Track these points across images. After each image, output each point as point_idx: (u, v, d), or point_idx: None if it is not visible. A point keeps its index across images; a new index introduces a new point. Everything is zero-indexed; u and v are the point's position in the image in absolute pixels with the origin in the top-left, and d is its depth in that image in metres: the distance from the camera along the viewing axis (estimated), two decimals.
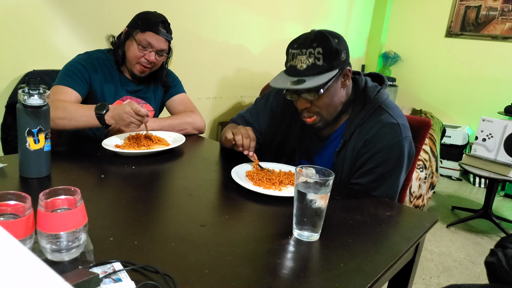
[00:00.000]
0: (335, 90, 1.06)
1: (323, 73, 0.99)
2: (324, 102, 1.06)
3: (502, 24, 3.82)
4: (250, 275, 0.62)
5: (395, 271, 0.83)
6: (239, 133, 1.12)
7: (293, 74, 1.02)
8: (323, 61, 0.99)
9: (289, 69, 1.04)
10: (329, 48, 0.99)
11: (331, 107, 1.08)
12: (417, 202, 2.68)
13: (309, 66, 0.99)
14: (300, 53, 1.00)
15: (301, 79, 0.99)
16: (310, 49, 0.99)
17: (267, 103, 1.33)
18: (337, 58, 1.01)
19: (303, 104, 1.07)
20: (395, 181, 1.08)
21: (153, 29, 1.35)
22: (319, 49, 0.98)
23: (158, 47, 1.37)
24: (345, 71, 1.06)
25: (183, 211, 0.84)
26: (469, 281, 2.04)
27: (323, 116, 1.10)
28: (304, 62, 0.99)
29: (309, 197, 0.72)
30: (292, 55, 1.02)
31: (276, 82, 1.04)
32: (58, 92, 1.28)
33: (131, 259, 0.62)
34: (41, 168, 0.93)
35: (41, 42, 1.80)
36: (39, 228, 0.55)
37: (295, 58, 1.01)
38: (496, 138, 2.63)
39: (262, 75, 3.19)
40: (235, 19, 2.83)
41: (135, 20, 1.39)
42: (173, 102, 1.57)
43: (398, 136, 1.05)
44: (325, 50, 0.98)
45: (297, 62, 1.01)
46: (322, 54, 0.98)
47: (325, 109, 1.08)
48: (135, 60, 1.38)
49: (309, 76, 0.99)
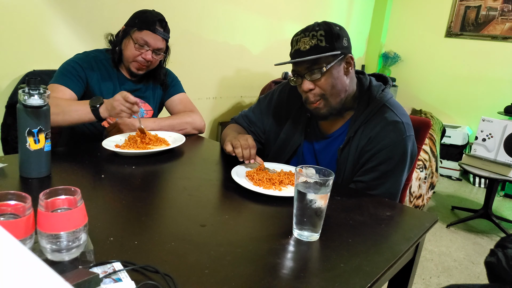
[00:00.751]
0: (338, 73, 1.07)
1: (325, 52, 1.03)
2: (328, 83, 1.07)
3: (502, 24, 3.82)
4: (250, 275, 0.62)
5: (395, 271, 0.83)
6: (239, 146, 1.12)
7: (296, 57, 1.05)
8: (325, 42, 1.02)
9: (293, 54, 1.07)
10: (331, 31, 1.03)
11: (334, 90, 1.08)
12: (417, 202, 2.68)
13: (312, 47, 1.03)
14: (304, 36, 1.04)
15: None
16: (313, 32, 1.03)
17: (271, 101, 1.34)
18: (339, 40, 1.04)
19: (307, 86, 1.08)
20: (397, 179, 1.08)
21: (150, 27, 1.35)
22: (321, 31, 1.03)
23: (155, 46, 1.37)
24: (347, 58, 1.08)
25: (183, 211, 0.84)
26: (469, 281, 2.04)
27: (327, 100, 1.09)
28: (307, 43, 1.03)
29: (309, 197, 0.72)
30: (296, 40, 1.06)
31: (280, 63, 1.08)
32: (52, 91, 1.27)
33: (131, 259, 0.62)
34: (41, 168, 0.93)
35: (41, 42, 1.80)
36: (39, 228, 0.55)
37: (298, 41, 1.05)
38: (496, 138, 2.64)
39: (262, 75, 3.19)
40: (235, 19, 2.83)
41: (132, 18, 1.39)
42: (173, 102, 1.57)
43: (402, 134, 1.06)
44: (327, 32, 1.03)
45: (301, 45, 1.04)
46: (325, 36, 1.02)
47: (329, 91, 1.08)
48: (131, 58, 1.38)
49: (313, 55, 1.03)
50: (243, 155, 1.10)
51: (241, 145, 1.11)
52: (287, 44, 1.07)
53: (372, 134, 1.08)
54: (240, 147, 1.11)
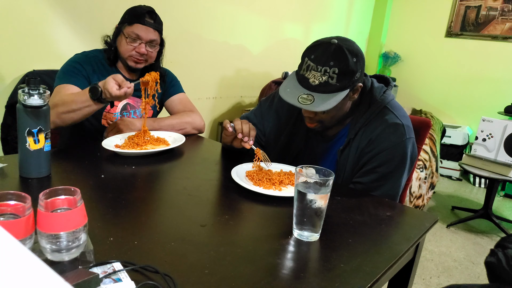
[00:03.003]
0: (341, 105, 1.07)
1: (333, 91, 1.00)
2: (329, 116, 1.09)
3: (502, 24, 3.82)
4: (250, 275, 0.62)
5: (395, 271, 0.84)
6: (238, 121, 1.13)
7: (303, 86, 1.02)
8: (336, 81, 0.99)
9: (301, 79, 1.03)
10: (345, 69, 0.99)
11: (334, 118, 1.12)
12: (417, 202, 2.68)
13: (322, 83, 0.99)
14: (315, 69, 1.00)
15: (310, 95, 1.00)
16: (326, 67, 0.98)
17: (272, 104, 1.33)
18: (351, 78, 1.01)
19: (308, 114, 1.10)
20: (396, 182, 1.08)
21: (140, 20, 1.35)
22: (334, 69, 0.98)
23: (147, 38, 1.37)
24: (356, 87, 1.06)
25: (183, 211, 0.84)
26: (469, 281, 2.04)
27: (324, 124, 1.13)
28: (317, 79, 1.00)
29: (309, 197, 0.72)
30: (307, 66, 1.01)
31: (285, 92, 1.04)
32: (60, 92, 1.28)
33: (131, 259, 0.62)
34: (41, 168, 0.93)
35: (41, 42, 1.80)
36: (39, 228, 0.55)
37: (309, 70, 1.01)
38: (496, 138, 2.63)
39: (262, 75, 3.19)
40: (235, 19, 2.83)
41: (123, 15, 1.40)
42: (172, 102, 1.57)
43: (402, 136, 1.06)
44: (340, 71, 0.98)
45: (310, 76, 1.01)
46: (337, 74, 0.98)
47: (328, 121, 1.11)
48: (126, 54, 1.38)
49: (319, 92, 1.00)
50: (242, 129, 1.10)
51: (241, 121, 1.12)
52: (287, 44, 1.07)
53: (373, 136, 1.08)
54: (240, 122, 1.12)
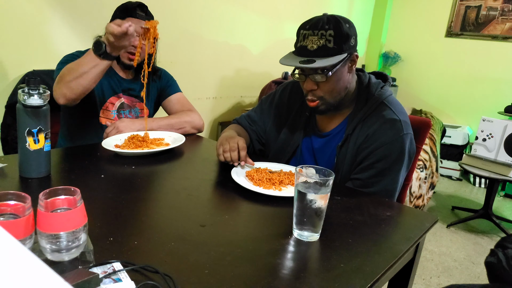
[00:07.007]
0: (341, 74, 1.08)
1: (333, 55, 1.01)
2: (331, 86, 1.08)
3: (502, 24, 3.82)
4: (250, 275, 0.62)
5: (395, 271, 0.83)
6: (227, 149, 1.10)
7: (303, 54, 1.04)
8: (333, 43, 1.01)
9: (299, 49, 1.05)
10: (341, 31, 1.01)
11: (335, 91, 1.10)
12: (417, 202, 2.68)
13: (320, 47, 1.01)
14: (312, 34, 1.02)
15: (311, 59, 1.01)
16: (322, 31, 1.01)
17: (273, 101, 1.35)
18: (347, 42, 1.03)
19: (310, 86, 1.09)
20: (394, 177, 1.09)
21: (132, 14, 1.36)
22: (330, 31, 1.00)
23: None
24: (353, 56, 1.08)
25: (183, 211, 0.84)
26: (469, 281, 2.04)
27: (325, 100, 1.11)
28: (315, 43, 1.01)
29: (309, 197, 0.72)
30: (304, 35, 1.04)
31: (285, 60, 1.06)
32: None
33: (131, 259, 0.62)
34: (41, 168, 0.93)
35: (41, 42, 1.80)
36: (39, 228, 0.54)
37: (306, 38, 1.03)
38: (496, 138, 2.63)
39: (262, 75, 3.19)
40: (235, 19, 2.83)
41: (114, 12, 1.40)
42: (170, 102, 1.57)
43: (399, 132, 1.06)
44: (336, 33, 1.01)
45: (308, 43, 1.03)
46: (334, 37, 1.00)
47: (329, 93, 1.10)
48: None
49: (319, 57, 1.01)
50: (231, 158, 1.09)
51: (229, 148, 1.10)
52: (287, 44, 1.07)
53: (370, 132, 1.09)
54: (228, 151, 1.10)
